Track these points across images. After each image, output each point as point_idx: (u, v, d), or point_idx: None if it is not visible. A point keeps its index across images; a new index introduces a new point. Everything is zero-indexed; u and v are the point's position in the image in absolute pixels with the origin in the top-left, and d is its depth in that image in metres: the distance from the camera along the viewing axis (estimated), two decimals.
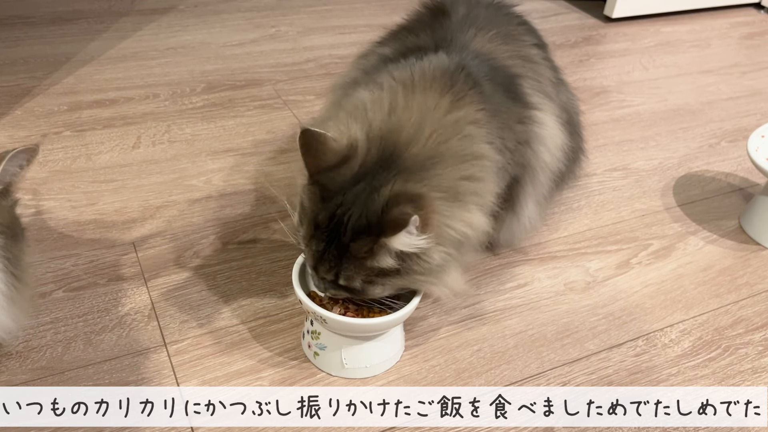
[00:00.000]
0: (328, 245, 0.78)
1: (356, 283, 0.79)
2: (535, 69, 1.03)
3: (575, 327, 1.01)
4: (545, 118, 0.99)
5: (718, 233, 1.22)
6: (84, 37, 1.76)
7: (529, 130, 0.96)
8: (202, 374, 0.89)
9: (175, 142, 1.36)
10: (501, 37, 1.02)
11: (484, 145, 0.86)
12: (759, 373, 0.95)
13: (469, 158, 0.83)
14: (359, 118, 0.84)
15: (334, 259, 0.78)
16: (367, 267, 0.78)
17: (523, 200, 0.99)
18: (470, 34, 0.99)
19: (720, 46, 2.01)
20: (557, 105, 1.04)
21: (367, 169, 0.78)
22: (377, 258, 0.77)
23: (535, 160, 0.97)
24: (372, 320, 0.83)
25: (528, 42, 1.07)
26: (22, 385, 0.85)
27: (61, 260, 1.05)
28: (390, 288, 0.81)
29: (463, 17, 1.03)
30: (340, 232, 0.77)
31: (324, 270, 0.80)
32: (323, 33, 1.90)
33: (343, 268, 0.78)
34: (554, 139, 1.00)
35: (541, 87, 1.01)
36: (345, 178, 0.78)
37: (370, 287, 0.80)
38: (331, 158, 0.78)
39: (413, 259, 0.78)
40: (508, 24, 1.07)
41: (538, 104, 0.98)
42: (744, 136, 1.53)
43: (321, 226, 0.78)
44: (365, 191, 0.77)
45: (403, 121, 0.82)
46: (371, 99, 0.87)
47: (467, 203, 0.81)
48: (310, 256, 0.81)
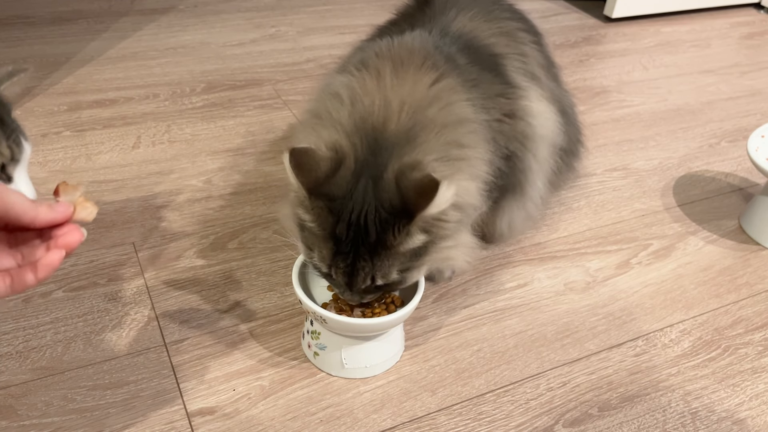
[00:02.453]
0: (356, 254, 0.76)
1: (393, 275, 0.78)
2: (521, 49, 1.01)
3: (575, 327, 1.01)
4: (531, 95, 0.96)
5: (718, 233, 1.22)
6: (84, 37, 1.76)
7: (514, 104, 0.93)
8: (202, 374, 0.89)
9: (175, 142, 1.36)
10: (483, 14, 1.00)
11: (465, 108, 0.84)
12: (759, 373, 0.95)
13: (451, 124, 0.81)
14: (326, 119, 0.82)
15: (366, 264, 0.76)
16: (401, 254, 0.76)
17: (530, 177, 0.96)
18: (451, 15, 0.98)
19: (720, 46, 2.01)
20: (546, 88, 1.01)
21: (361, 163, 0.76)
22: (412, 238, 0.75)
23: (530, 130, 0.94)
24: (372, 320, 0.83)
25: (514, 25, 1.04)
26: (22, 385, 0.85)
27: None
28: (424, 268, 0.81)
29: (445, 1, 1.01)
30: (362, 234, 0.75)
31: (360, 280, 0.78)
32: (323, 33, 1.90)
33: (377, 267, 0.76)
34: (545, 113, 0.97)
35: (526, 68, 0.99)
36: (347, 180, 0.75)
37: (408, 274, 0.79)
38: (325, 167, 0.75)
39: (437, 225, 0.77)
40: (491, 5, 1.04)
41: (522, 85, 0.96)
42: (744, 136, 1.53)
43: (341, 238, 0.75)
44: (370, 184, 0.75)
45: (368, 106, 0.80)
46: (332, 93, 0.84)
47: (460, 169, 0.80)
48: (341, 274, 0.78)
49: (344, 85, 0.84)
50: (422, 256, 0.79)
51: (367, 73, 0.84)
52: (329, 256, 0.77)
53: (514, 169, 0.93)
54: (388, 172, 0.75)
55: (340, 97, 0.83)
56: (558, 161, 1.04)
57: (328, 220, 0.76)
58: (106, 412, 0.83)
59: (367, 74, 0.84)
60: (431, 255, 0.80)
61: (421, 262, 0.79)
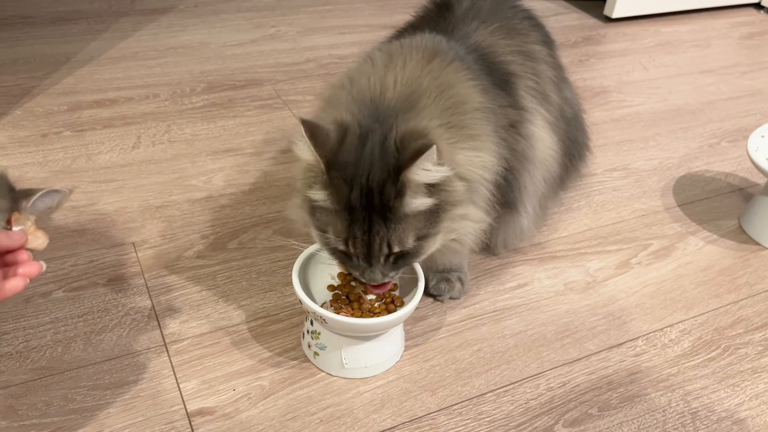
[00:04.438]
0: (370, 221, 0.76)
1: (410, 242, 0.78)
2: (535, 68, 1.02)
3: (575, 327, 1.01)
4: (537, 120, 0.98)
5: (718, 233, 1.22)
6: (84, 37, 1.76)
7: (518, 121, 0.94)
8: (202, 374, 0.89)
9: (175, 142, 1.36)
10: (504, 31, 1.01)
11: (468, 86, 0.86)
12: (759, 373, 0.95)
13: (450, 102, 0.83)
14: (331, 104, 0.85)
15: (381, 228, 0.76)
16: (410, 217, 0.76)
17: (524, 197, 0.98)
18: (472, 26, 0.99)
19: (720, 46, 2.01)
20: (553, 109, 1.02)
21: (365, 129, 0.77)
22: (408, 198, 0.75)
23: (531, 152, 0.96)
24: (372, 320, 0.83)
25: (532, 38, 1.05)
26: (22, 385, 0.85)
27: (61, 260, 1.05)
28: (441, 235, 0.81)
29: (467, 9, 1.02)
30: (372, 199, 0.75)
31: (377, 247, 0.77)
32: (323, 33, 1.90)
33: (392, 231, 0.76)
34: (546, 141, 0.99)
35: (539, 88, 1.00)
36: (354, 146, 0.76)
37: (425, 242, 0.79)
38: (336, 136, 0.76)
39: (444, 190, 0.77)
40: (512, 18, 1.05)
41: (529, 108, 0.97)
42: (744, 136, 1.53)
43: (355, 206, 0.75)
44: (377, 148, 0.76)
45: (364, 82, 0.84)
46: (336, 83, 0.88)
47: (463, 137, 0.81)
48: (359, 244, 0.77)
49: (346, 74, 0.88)
50: (436, 222, 0.79)
51: (371, 62, 0.88)
52: (345, 229, 0.77)
53: (511, 185, 0.94)
54: (392, 133, 0.76)
55: (341, 85, 0.86)
56: (548, 189, 1.05)
57: (342, 190, 0.75)
58: (106, 412, 0.83)
59: (371, 63, 0.88)
60: (445, 222, 0.80)
61: (436, 229, 0.79)
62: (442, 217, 0.79)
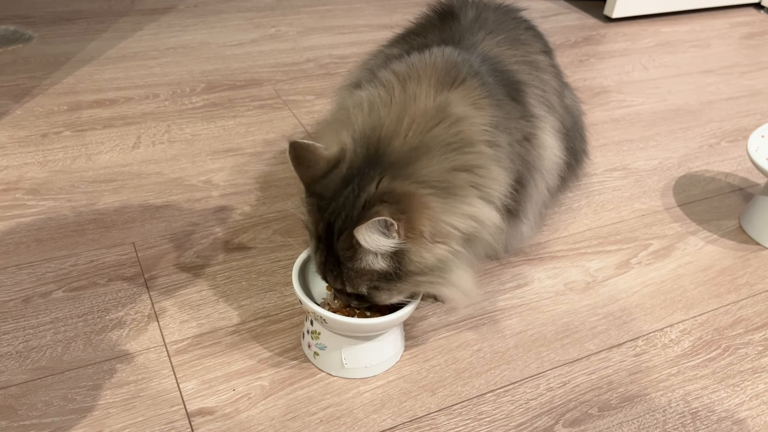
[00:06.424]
0: (329, 254, 0.79)
1: (362, 288, 0.79)
2: (541, 77, 1.02)
3: (575, 327, 1.01)
4: (547, 127, 0.98)
5: (718, 233, 1.22)
6: (84, 37, 1.76)
7: (530, 132, 0.95)
8: (202, 374, 0.89)
9: (175, 142, 1.36)
10: (509, 41, 1.01)
11: (479, 129, 0.83)
12: (759, 373, 0.95)
13: (458, 145, 0.80)
14: (345, 123, 0.84)
15: (334, 267, 0.79)
16: (360, 270, 0.77)
17: (528, 205, 0.98)
18: (479, 37, 0.99)
19: (720, 46, 2.01)
20: (558, 116, 1.03)
21: (354, 170, 0.77)
22: (361, 257, 0.76)
23: (539, 162, 0.96)
24: (372, 320, 0.83)
25: (535, 48, 1.06)
26: (22, 385, 0.85)
27: (61, 260, 1.05)
28: (397, 293, 0.80)
29: (473, 20, 1.02)
30: (333, 239, 0.77)
31: (331, 279, 0.81)
32: (323, 33, 1.90)
33: (344, 274, 0.78)
34: (554, 149, 0.99)
35: (545, 96, 1.01)
36: (336, 183, 0.77)
37: (377, 293, 0.79)
38: (324, 166, 0.78)
39: (404, 259, 0.76)
40: (516, 28, 1.06)
41: (540, 115, 0.98)
42: (744, 136, 1.53)
43: (321, 236, 0.78)
44: (353, 193, 0.76)
45: (383, 116, 0.81)
46: (356, 101, 0.86)
47: (466, 196, 0.78)
48: (318, 267, 0.82)
49: (369, 96, 0.86)
50: (392, 282, 0.78)
51: (391, 86, 0.86)
52: (314, 249, 0.81)
53: (518, 194, 0.94)
54: (372, 186, 0.76)
55: (362, 106, 0.85)
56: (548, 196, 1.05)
57: (315, 216, 0.79)
58: (106, 412, 0.83)
59: (390, 87, 0.86)
60: (405, 284, 0.79)
61: (393, 287, 0.79)
62: (404, 280, 0.78)
